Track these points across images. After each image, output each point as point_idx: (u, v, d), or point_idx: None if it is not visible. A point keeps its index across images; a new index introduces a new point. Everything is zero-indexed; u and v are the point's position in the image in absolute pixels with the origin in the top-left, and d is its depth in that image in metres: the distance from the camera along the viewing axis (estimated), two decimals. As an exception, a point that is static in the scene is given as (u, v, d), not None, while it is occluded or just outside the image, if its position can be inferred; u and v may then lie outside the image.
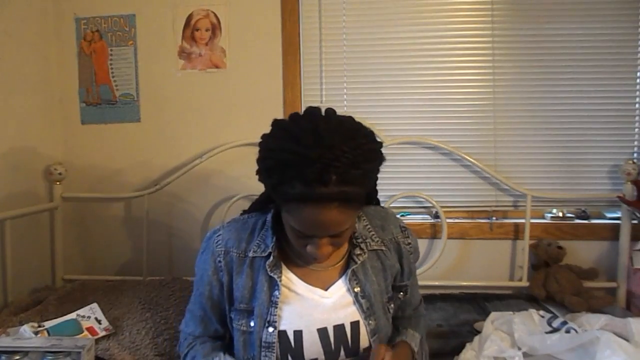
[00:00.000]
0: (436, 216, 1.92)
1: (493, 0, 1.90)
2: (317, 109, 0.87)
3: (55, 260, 1.95)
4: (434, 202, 1.86)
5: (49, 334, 1.29)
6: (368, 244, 1.00)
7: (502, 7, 1.91)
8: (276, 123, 0.87)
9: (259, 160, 0.86)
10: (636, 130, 1.91)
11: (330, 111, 0.88)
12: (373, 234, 1.02)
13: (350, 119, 0.88)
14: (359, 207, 0.88)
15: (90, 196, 2.00)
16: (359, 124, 0.87)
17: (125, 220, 2.03)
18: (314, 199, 0.79)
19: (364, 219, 1.03)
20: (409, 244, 1.05)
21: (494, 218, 1.92)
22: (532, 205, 1.86)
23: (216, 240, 1.00)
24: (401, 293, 1.05)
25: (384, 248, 1.01)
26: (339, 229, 0.85)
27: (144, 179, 2.00)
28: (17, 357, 1.01)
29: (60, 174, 1.90)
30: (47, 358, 1.00)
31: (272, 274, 0.95)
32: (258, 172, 0.87)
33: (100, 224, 2.03)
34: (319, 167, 0.76)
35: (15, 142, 1.79)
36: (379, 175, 1.01)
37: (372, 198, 1.09)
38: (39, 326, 1.31)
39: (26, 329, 1.28)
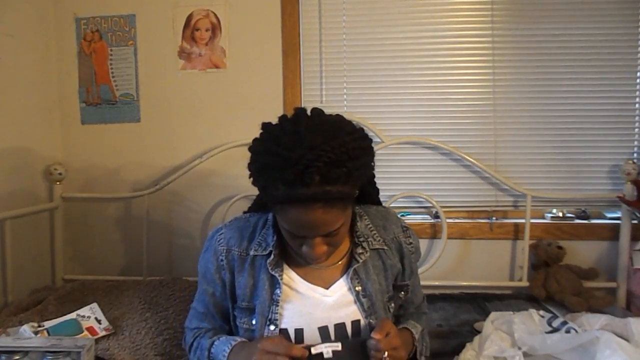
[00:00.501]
0: (436, 216, 1.92)
1: (493, 0, 1.91)
2: (303, 109, 0.87)
3: (55, 260, 1.95)
4: (434, 202, 1.86)
5: (49, 334, 1.29)
6: (370, 243, 1.00)
7: (502, 7, 1.91)
8: (264, 126, 0.88)
9: (248, 164, 0.87)
10: (636, 130, 1.91)
11: (316, 111, 0.87)
12: (375, 233, 1.02)
13: (336, 117, 0.87)
14: (347, 206, 0.87)
15: (90, 196, 2.00)
16: (344, 122, 0.86)
17: (125, 220, 2.03)
18: (296, 200, 0.79)
19: (366, 219, 1.04)
20: (411, 243, 1.05)
21: (494, 218, 1.92)
22: (532, 205, 1.86)
23: (218, 239, 1.01)
24: (402, 292, 1.05)
25: (385, 247, 1.02)
26: (327, 229, 0.84)
27: (144, 179, 2.00)
28: (17, 357, 1.01)
29: (60, 174, 1.90)
30: (47, 358, 1.00)
31: (273, 273, 0.95)
32: (250, 176, 0.88)
33: (100, 224, 2.03)
34: (300, 168, 0.76)
35: (15, 142, 1.79)
36: (378, 174, 1.01)
37: (371, 196, 1.09)
38: (39, 326, 1.31)
39: (26, 329, 1.28)
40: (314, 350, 0.85)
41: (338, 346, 0.86)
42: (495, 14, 1.91)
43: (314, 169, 0.76)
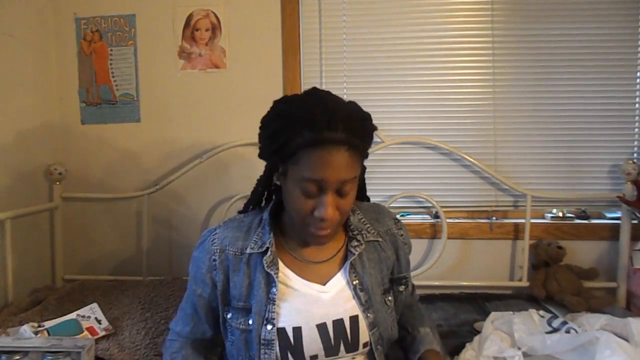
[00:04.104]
0: (436, 216, 1.92)
1: (493, 0, 1.91)
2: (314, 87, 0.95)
3: (55, 260, 1.95)
4: (434, 202, 1.86)
5: (49, 334, 1.29)
6: (364, 235, 1.01)
7: (502, 7, 1.91)
8: (277, 100, 0.94)
9: (261, 133, 0.93)
10: (636, 130, 1.91)
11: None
12: (368, 226, 1.03)
13: None
14: (361, 163, 0.92)
15: (90, 196, 2.00)
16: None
17: (125, 220, 2.02)
18: (323, 142, 0.84)
19: (359, 213, 1.05)
20: (402, 235, 1.07)
21: (494, 218, 1.92)
22: (532, 205, 1.86)
23: (212, 239, 1.00)
24: (402, 286, 1.06)
25: (380, 239, 1.03)
26: (347, 175, 0.87)
27: (144, 179, 2.00)
28: (17, 357, 1.01)
29: (60, 174, 1.90)
30: (47, 358, 1.00)
31: (268, 270, 0.95)
32: (261, 148, 0.94)
33: (100, 224, 2.03)
34: (327, 117, 0.84)
35: (15, 142, 1.78)
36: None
37: (362, 194, 1.12)
38: (39, 326, 1.31)
39: (26, 329, 1.28)
40: None
41: None
42: (495, 14, 1.91)
43: (339, 117, 0.84)
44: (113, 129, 2.02)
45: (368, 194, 1.15)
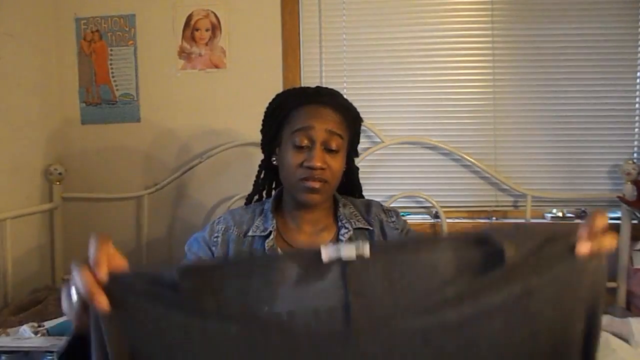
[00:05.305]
0: (436, 216, 1.92)
1: (493, 0, 1.91)
2: None
3: (55, 260, 1.95)
4: (434, 202, 1.86)
5: (49, 334, 1.29)
6: (353, 223, 1.05)
7: (502, 7, 1.91)
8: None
9: (265, 117, 1.10)
10: (636, 130, 1.91)
11: None
12: (359, 217, 1.08)
13: None
14: (345, 136, 1.03)
15: (90, 196, 2.00)
16: None
17: (125, 220, 2.02)
18: (311, 102, 1.01)
19: (350, 207, 1.09)
20: (393, 222, 1.10)
21: (494, 218, 1.92)
22: (532, 205, 1.86)
23: (217, 221, 1.07)
24: None
25: (370, 228, 1.06)
26: (334, 127, 0.99)
27: (144, 179, 2.00)
28: (17, 357, 1.01)
29: (60, 174, 1.90)
30: (47, 358, 1.00)
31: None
32: (263, 131, 1.10)
33: (100, 224, 2.03)
34: (315, 90, 1.04)
35: (15, 142, 1.78)
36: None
37: (357, 190, 1.18)
38: (39, 326, 1.31)
39: (26, 329, 1.28)
40: (325, 257, 0.56)
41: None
42: (495, 14, 1.91)
43: (326, 91, 1.04)
44: (113, 129, 2.02)
45: (368, 194, 1.17)
